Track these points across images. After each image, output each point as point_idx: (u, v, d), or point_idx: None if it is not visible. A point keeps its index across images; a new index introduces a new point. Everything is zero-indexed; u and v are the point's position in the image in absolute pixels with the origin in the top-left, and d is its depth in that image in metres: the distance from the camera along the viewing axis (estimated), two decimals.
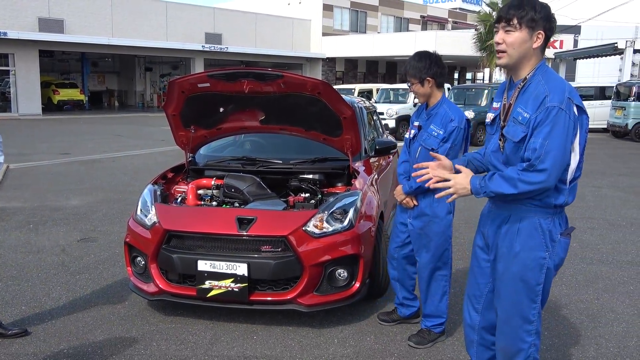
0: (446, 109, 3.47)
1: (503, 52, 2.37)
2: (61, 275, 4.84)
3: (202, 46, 31.28)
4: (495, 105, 2.57)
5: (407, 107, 18.37)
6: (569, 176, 2.40)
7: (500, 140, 2.47)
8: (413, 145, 3.63)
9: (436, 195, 2.51)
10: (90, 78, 35.12)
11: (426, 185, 2.55)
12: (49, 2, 26.51)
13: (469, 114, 16.28)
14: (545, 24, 2.33)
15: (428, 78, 3.44)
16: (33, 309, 4.13)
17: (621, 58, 25.02)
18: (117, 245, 5.74)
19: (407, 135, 3.76)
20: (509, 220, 2.47)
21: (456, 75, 46.24)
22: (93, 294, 4.45)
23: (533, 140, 2.27)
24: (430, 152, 2.99)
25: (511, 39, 2.34)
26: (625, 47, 23.58)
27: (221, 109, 4.41)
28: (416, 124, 3.64)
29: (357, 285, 3.79)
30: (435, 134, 3.43)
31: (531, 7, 2.31)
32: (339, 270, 3.75)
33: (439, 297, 3.60)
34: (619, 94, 19.22)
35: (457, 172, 2.56)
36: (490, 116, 2.58)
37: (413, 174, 2.70)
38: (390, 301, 4.27)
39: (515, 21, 2.32)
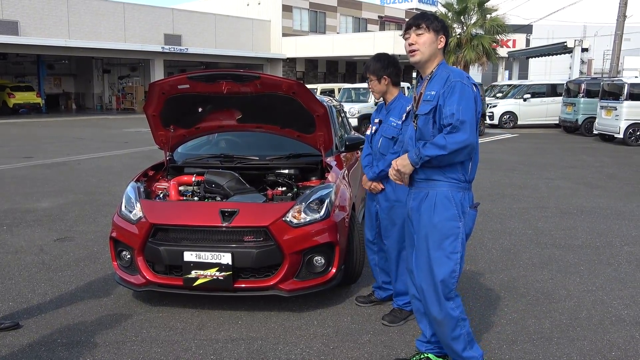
0: (403, 103, 3.88)
1: (416, 50, 2.94)
2: (43, 273, 4.97)
3: (162, 47, 31.05)
4: (408, 107, 3.25)
5: (368, 106, 18.80)
6: None
7: (414, 121, 3.01)
8: (374, 138, 4.02)
9: (393, 179, 3.05)
10: (47, 81, 34.39)
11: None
12: (2, 3, 25.93)
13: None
14: (444, 31, 2.98)
15: (384, 76, 3.88)
16: (21, 304, 4.27)
17: (571, 56, 26.12)
18: (94, 243, 5.88)
19: (368, 132, 4.14)
20: (427, 196, 2.94)
21: (414, 75, 47.13)
22: (78, 289, 4.60)
23: (448, 108, 2.78)
24: None
25: (422, 39, 2.93)
26: (574, 46, 24.65)
27: (200, 109, 4.64)
28: (377, 120, 4.05)
29: (334, 271, 4.07)
30: (394, 124, 3.83)
31: (434, 17, 2.99)
32: (317, 257, 4.03)
33: (407, 275, 3.92)
34: (569, 91, 20.12)
35: None
36: (404, 116, 3.31)
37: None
38: (363, 286, 4.58)
39: (423, 26, 2.93)
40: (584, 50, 25.18)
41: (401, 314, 3.94)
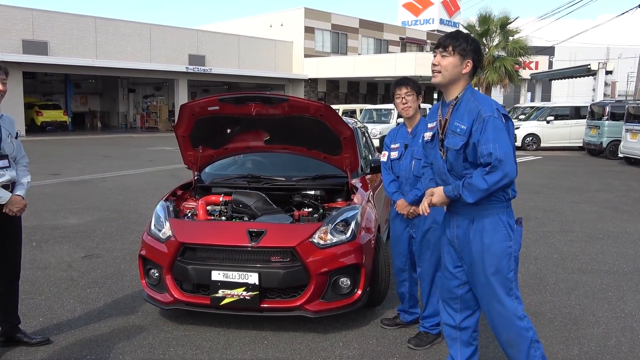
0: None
1: (438, 72, 2.86)
2: (72, 289, 5.05)
3: (186, 67, 31.58)
4: (430, 125, 3.06)
5: (390, 126, 18.86)
6: None
7: (441, 151, 2.91)
8: (401, 163, 3.97)
9: (419, 209, 3.02)
10: (73, 99, 35.12)
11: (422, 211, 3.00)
12: (33, 24, 26.66)
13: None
14: (474, 55, 2.85)
15: (420, 95, 3.95)
16: (50, 320, 4.35)
17: (594, 79, 25.94)
18: (121, 261, 5.96)
19: (384, 159, 4.10)
20: (473, 221, 2.87)
21: (435, 95, 47.17)
22: (106, 306, 4.67)
23: (484, 147, 2.70)
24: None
25: (445, 62, 2.84)
26: (598, 69, 24.48)
27: (228, 130, 4.73)
28: (395, 145, 4.03)
29: (359, 292, 4.08)
30: None
31: (464, 39, 2.85)
32: (343, 279, 4.04)
33: (438, 298, 3.91)
34: (593, 114, 19.95)
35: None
36: (428, 135, 3.06)
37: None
38: (388, 308, 4.57)
39: (450, 48, 2.83)
40: (608, 72, 25.01)
41: (427, 338, 3.92)
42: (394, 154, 4.02)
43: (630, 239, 7.25)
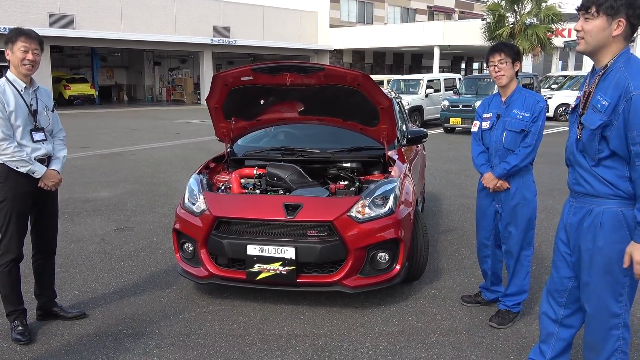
0: (526, 95, 3.67)
1: (581, 38, 2.40)
2: (106, 263, 5.04)
3: (211, 39, 31.37)
4: (579, 94, 2.58)
5: (418, 97, 18.51)
6: None
7: (578, 127, 2.48)
8: (493, 133, 3.74)
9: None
10: (100, 73, 35.30)
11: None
12: None
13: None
14: (628, 10, 2.31)
15: (517, 62, 3.67)
16: (85, 293, 4.33)
17: (631, 45, 25.01)
18: (153, 234, 5.94)
19: (475, 129, 3.90)
20: (591, 213, 2.47)
21: (463, 66, 46.26)
22: (140, 279, 4.64)
23: (637, 133, 2.23)
24: None
25: (589, 26, 2.36)
26: (636, 35, 23.56)
27: (262, 101, 4.59)
28: (488, 115, 3.78)
29: (398, 267, 3.96)
30: (520, 117, 3.59)
31: None
32: (381, 254, 3.92)
33: (523, 275, 3.76)
34: None
35: None
36: (572, 105, 2.60)
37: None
38: (427, 284, 4.46)
39: (593, 9, 2.33)
40: None
41: (509, 316, 3.79)
42: (486, 124, 3.79)
43: None
